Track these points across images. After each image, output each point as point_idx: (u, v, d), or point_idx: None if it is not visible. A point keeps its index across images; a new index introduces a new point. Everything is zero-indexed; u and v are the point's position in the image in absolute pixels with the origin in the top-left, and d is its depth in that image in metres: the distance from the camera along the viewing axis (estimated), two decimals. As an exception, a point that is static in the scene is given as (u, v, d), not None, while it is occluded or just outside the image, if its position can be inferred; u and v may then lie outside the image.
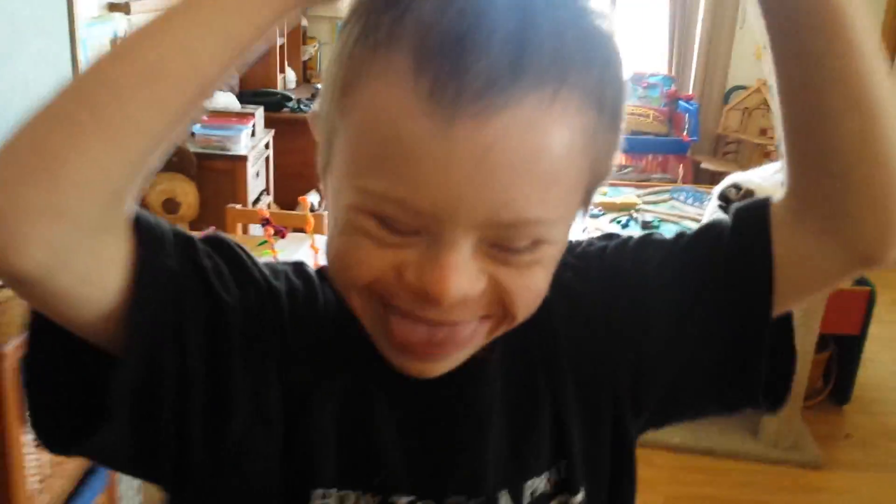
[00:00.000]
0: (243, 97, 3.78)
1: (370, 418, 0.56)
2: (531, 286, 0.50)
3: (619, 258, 0.61)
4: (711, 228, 0.59)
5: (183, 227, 0.56)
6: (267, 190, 3.68)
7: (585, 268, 0.61)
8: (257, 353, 0.52)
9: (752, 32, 0.54)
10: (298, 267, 0.60)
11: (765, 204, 0.57)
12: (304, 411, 0.54)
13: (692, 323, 0.58)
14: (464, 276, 0.47)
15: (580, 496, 0.59)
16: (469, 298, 0.48)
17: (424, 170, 0.44)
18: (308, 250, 1.94)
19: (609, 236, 0.64)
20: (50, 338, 0.47)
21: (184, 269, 0.49)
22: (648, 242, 0.62)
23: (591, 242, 0.64)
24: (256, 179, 3.45)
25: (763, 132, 4.75)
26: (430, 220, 0.46)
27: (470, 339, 0.52)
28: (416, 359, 0.52)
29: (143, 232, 0.47)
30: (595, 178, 0.51)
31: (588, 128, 0.47)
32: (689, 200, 3.24)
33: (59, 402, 0.48)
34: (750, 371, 0.57)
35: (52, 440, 0.49)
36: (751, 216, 0.57)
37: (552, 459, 0.59)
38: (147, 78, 0.42)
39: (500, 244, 0.48)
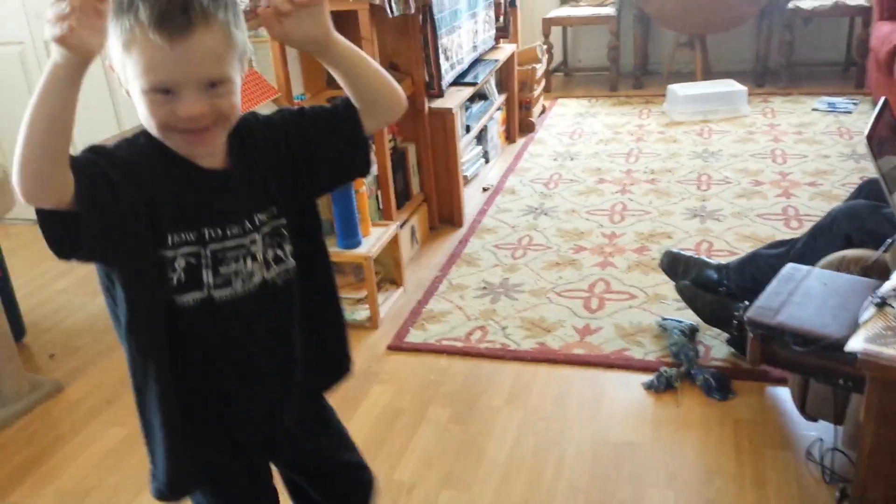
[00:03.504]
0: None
1: (183, 193, 1.15)
2: (229, 102, 1.11)
3: (290, 119, 1.28)
4: (334, 112, 1.26)
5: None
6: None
7: (270, 122, 1.27)
8: (132, 183, 1.09)
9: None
10: (124, 142, 1.15)
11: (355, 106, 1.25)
12: (150, 195, 1.11)
13: (325, 145, 1.27)
14: (199, 102, 1.07)
15: (283, 220, 1.26)
16: (205, 112, 1.08)
17: (165, 65, 1.04)
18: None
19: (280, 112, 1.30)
20: (48, 213, 1.03)
21: (96, 167, 1.06)
22: (301, 111, 1.29)
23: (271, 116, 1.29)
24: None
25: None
26: (174, 85, 1.05)
27: (214, 134, 1.12)
28: (195, 142, 1.12)
29: (74, 162, 1.01)
30: (242, 50, 1.12)
31: (227, 29, 1.07)
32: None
33: (60, 233, 1.05)
34: (358, 160, 1.31)
35: (58, 252, 1.06)
36: (351, 111, 1.25)
37: (268, 204, 1.25)
38: (45, 116, 0.95)
39: (210, 86, 1.07)
